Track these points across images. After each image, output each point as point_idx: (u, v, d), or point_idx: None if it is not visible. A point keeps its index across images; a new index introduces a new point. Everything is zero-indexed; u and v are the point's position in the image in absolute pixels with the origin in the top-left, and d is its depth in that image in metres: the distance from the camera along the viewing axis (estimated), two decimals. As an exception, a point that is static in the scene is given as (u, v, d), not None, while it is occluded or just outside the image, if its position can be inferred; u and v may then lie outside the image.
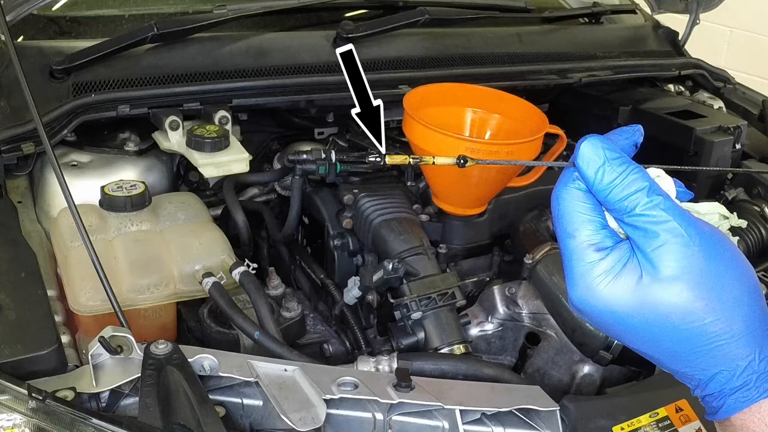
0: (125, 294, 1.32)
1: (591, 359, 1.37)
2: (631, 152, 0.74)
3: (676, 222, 0.67)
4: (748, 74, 2.76)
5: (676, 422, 1.14)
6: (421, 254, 1.42)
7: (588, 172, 0.70)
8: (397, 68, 1.85)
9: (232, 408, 1.12)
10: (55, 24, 1.85)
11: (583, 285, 0.70)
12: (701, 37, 2.27)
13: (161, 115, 1.59)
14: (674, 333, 0.68)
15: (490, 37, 2.02)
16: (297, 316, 1.44)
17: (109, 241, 1.39)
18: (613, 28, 2.29)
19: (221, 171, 1.56)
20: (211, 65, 1.71)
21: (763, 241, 1.70)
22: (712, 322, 0.67)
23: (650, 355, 0.72)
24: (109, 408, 1.08)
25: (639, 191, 0.68)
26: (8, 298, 1.21)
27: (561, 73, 1.98)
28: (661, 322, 0.68)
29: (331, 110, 1.91)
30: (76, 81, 1.61)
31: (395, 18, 1.88)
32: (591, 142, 0.70)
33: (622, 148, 0.72)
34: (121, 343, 1.11)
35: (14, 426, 1.01)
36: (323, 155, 1.57)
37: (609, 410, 1.15)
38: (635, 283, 0.68)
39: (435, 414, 1.12)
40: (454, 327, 1.36)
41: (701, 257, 0.67)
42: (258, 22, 1.89)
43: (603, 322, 0.71)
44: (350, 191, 1.53)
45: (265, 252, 1.75)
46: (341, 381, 1.11)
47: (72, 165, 1.60)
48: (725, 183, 1.89)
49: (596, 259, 0.70)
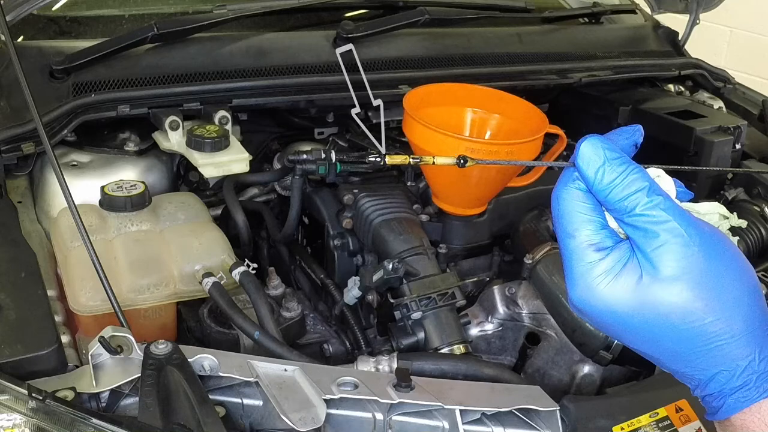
0: (125, 294, 1.32)
1: (591, 359, 1.37)
2: (631, 152, 0.74)
3: (676, 222, 0.67)
4: (748, 74, 2.76)
5: (676, 422, 1.14)
6: (421, 254, 1.42)
7: (588, 172, 0.69)
8: (397, 68, 1.85)
9: (232, 408, 1.12)
10: (55, 24, 1.85)
11: (582, 285, 0.70)
12: (701, 37, 2.27)
13: (161, 115, 1.59)
14: (674, 333, 0.68)
15: (490, 37, 2.02)
16: (297, 316, 1.44)
17: (109, 241, 1.39)
18: (613, 28, 2.29)
19: (221, 171, 1.56)
20: (211, 65, 1.71)
21: (763, 241, 1.70)
22: (712, 322, 0.67)
23: (650, 355, 0.72)
24: (109, 408, 1.08)
25: (639, 191, 0.68)
26: (8, 298, 1.21)
27: (561, 73, 1.98)
28: (661, 322, 0.68)
29: (331, 110, 1.91)
30: (76, 81, 1.61)
31: (395, 18, 1.88)
32: (591, 142, 0.70)
33: (622, 148, 0.71)
34: (121, 343, 1.11)
35: (14, 426, 1.01)
36: (323, 155, 1.57)
37: (609, 410, 1.15)
38: (635, 283, 0.68)
39: (435, 414, 1.12)
40: (454, 327, 1.36)
41: (701, 257, 0.67)
42: (258, 22, 1.88)
43: (603, 322, 0.71)
44: (350, 191, 1.53)
45: (265, 252, 1.75)
46: (341, 381, 1.11)
47: (72, 165, 1.60)
48: (725, 183, 1.89)
49: (596, 259, 0.69)
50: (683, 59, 2.23)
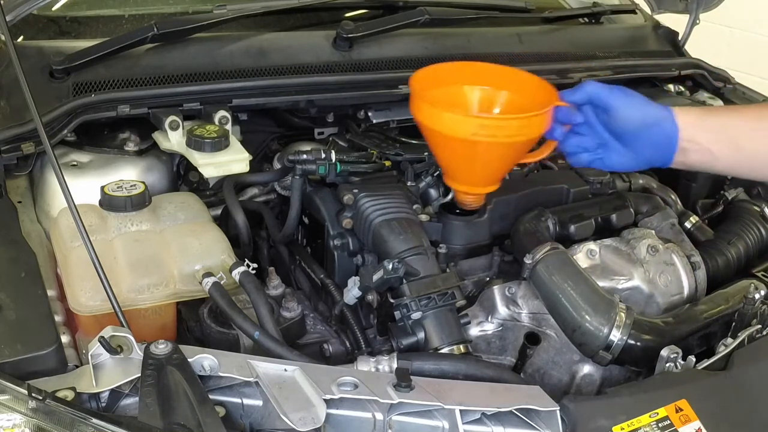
0: (125, 294, 1.32)
1: (591, 359, 1.37)
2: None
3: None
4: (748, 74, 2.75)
5: (676, 422, 1.14)
6: (421, 254, 1.42)
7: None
8: (397, 68, 1.85)
9: (232, 408, 1.12)
10: (55, 24, 1.85)
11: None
12: (701, 37, 2.27)
13: (161, 115, 1.59)
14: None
15: (490, 37, 2.02)
16: (297, 316, 1.44)
17: (109, 241, 1.39)
18: (613, 28, 2.29)
19: (221, 171, 1.56)
20: (211, 65, 1.71)
21: (763, 241, 1.70)
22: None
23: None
24: (109, 408, 1.09)
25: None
26: (8, 298, 1.21)
27: (561, 73, 1.98)
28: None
29: (331, 110, 1.91)
30: (76, 81, 1.61)
31: (395, 18, 1.88)
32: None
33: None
34: (121, 343, 1.11)
35: (14, 426, 1.01)
36: (323, 155, 1.57)
37: (609, 410, 1.15)
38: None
39: (435, 414, 1.12)
40: (454, 327, 1.36)
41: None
42: (258, 22, 1.88)
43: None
44: (350, 191, 1.53)
45: (265, 252, 1.75)
46: (341, 381, 1.11)
47: (72, 165, 1.60)
48: (725, 183, 1.89)
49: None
50: (683, 59, 2.23)
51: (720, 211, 1.83)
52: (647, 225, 1.62)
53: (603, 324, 1.33)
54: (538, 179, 1.58)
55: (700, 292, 1.54)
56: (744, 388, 1.23)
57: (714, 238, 1.68)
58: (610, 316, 1.33)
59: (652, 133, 1.34)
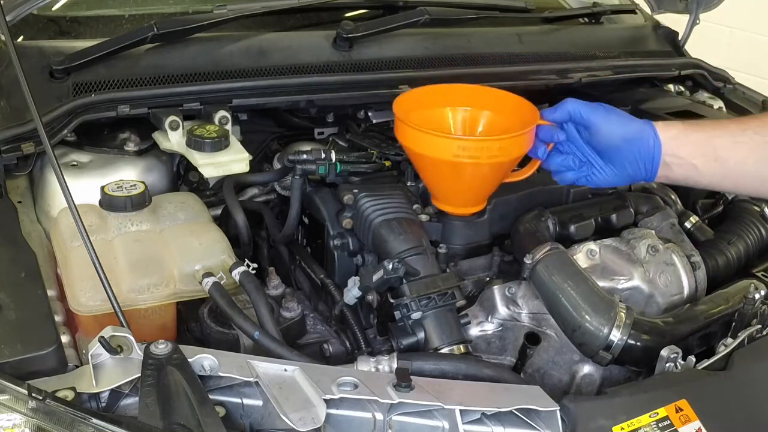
0: (125, 294, 1.32)
1: (591, 359, 1.37)
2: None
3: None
4: (748, 74, 2.75)
5: (676, 422, 1.14)
6: (421, 254, 1.42)
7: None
8: (397, 68, 1.85)
9: (232, 408, 1.12)
10: (55, 24, 1.85)
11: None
12: (701, 37, 2.27)
13: (161, 115, 1.59)
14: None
15: (490, 37, 2.02)
16: (297, 316, 1.44)
17: (109, 241, 1.39)
18: (613, 28, 2.29)
19: (221, 171, 1.56)
20: (211, 65, 1.71)
21: (763, 241, 1.70)
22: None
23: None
24: (109, 408, 1.09)
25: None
26: (8, 298, 1.21)
27: (561, 73, 1.98)
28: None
29: (331, 110, 1.91)
30: (76, 81, 1.61)
31: (395, 18, 1.88)
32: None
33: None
34: (121, 343, 1.11)
35: (14, 426, 1.01)
36: (323, 155, 1.57)
37: (609, 410, 1.15)
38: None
39: (435, 414, 1.12)
40: (454, 327, 1.36)
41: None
42: (258, 22, 1.88)
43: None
44: (350, 191, 1.53)
45: (265, 252, 1.75)
46: (341, 381, 1.11)
47: (72, 165, 1.60)
48: (725, 183, 1.88)
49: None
50: (683, 59, 2.23)
51: (720, 211, 1.83)
52: (647, 225, 1.62)
53: (603, 324, 1.33)
54: (538, 179, 1.58)
55: (700, 292, 1.54)
56: (744, 388, 1.23)
57: (714, 238, 1.68)
58: (610, 316, 1.33)
59: (634, 149, 1.33)
